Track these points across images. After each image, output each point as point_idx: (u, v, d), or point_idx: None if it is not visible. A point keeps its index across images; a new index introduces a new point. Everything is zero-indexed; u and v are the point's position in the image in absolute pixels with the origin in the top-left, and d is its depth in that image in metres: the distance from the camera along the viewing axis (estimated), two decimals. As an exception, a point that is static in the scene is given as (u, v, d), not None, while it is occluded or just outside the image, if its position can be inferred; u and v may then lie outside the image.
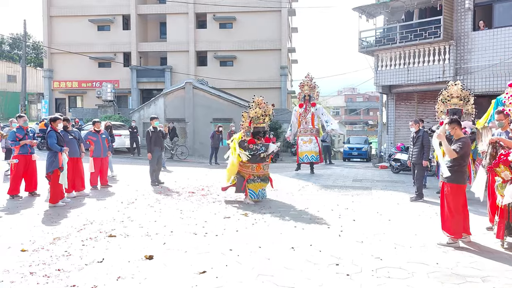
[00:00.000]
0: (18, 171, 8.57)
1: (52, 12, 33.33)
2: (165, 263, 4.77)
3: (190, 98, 22.89)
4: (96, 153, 10.33)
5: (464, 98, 9.14)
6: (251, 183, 8.74)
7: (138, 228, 6.36)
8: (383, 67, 16.25)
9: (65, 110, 32.86)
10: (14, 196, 8.58)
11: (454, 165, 5.59)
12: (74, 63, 32.44)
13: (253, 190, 8.73)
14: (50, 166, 7.93)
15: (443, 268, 4.72)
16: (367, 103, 71.96)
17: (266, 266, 4.73)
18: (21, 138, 8.58)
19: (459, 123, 5.74)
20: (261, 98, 9.16)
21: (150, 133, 10.89)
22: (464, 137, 5.68)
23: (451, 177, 5.61)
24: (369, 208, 8.19)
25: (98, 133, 10.47)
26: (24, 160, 8.62)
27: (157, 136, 10.92)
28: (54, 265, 4.67)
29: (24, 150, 8.66)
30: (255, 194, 8.74)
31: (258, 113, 8.93)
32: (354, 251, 5.30)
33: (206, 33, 32.41)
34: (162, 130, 11.18)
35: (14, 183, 8.60)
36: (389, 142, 17.47)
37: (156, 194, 9.50)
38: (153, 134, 10.86)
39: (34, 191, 8.96)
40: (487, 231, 6.31)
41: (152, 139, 10.84)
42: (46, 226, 6.39)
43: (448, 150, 5.55)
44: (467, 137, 5.88)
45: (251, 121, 8.93)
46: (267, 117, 9.06)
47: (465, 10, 14.18)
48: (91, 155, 10.24)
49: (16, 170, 8.54)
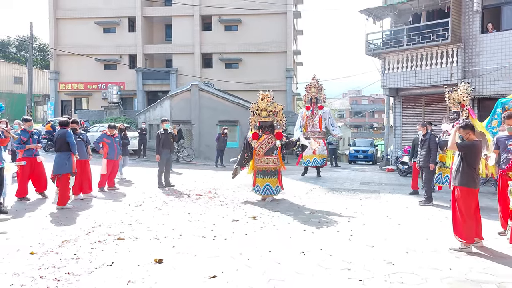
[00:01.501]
0: (24, 173, 8.56)
1: (58, 14, 33.49)
2: (175, 267, 4.73)
3: (196, 100, 22.90)
4: (110, 155, 10.36)
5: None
6: (258, 178, 9.14)
7: (146, 231, 6.33)
8: (390, 70, 16.18)
9: (71, 112, 32.96)
10: (22, 198, 8.58)
11: (464, 168, 5.51)
12: (80, 65, 32.58)
13: (258, 185, 9.10)
14: (60, 168, 7.91)
15: (457, 274, 4.65)
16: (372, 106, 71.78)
17: (277, 271, 4.68)
18: (25, 141, 8.57)
19: (472, 128, 5.66)
20: (267, 93, 9.27)
21: (160, 135, 10.91)
22: (476, 141, 5.61)
23: (462, 181, 5.53)
24: (378, 212, 8.12)
25: (113, 136, 10.54)
26: (29, 162, 8.61)
27: (166, 138, 10.91)
28: (64, 269, 4.64)
29: (28, 153, 8.65)
30: (260, 189, 9.08)
31: (261, 106, 9.13)
32: (365, 256, 5.23)
33: (212, 35, 32.45)
34: (172, 132, 11.18)
35: (21, 185, 8.60)
36: (396, 145, 17.37)
37: (164, 197, 9.48)
38: (163, 136, 10.87)
39: (44, 191, 8.95)
40: (499, 236, 6.23)
41: (161, 141, 10.85)
42: (54, 229, 6.37)
43: (452, 142, 5.63)
44: (479, 141, 5.79)
45: (254, 114, 9.25)
46: (273, 113, 9.24)
47: (473, 12, 14.09)
48: (105, 157, 10.27)
49: (22, 172, 8.54)
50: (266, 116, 9.25)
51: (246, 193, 10.19)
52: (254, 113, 9.34)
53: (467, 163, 5.50)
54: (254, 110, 9.34)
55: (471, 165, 5.50)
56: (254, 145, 9.24)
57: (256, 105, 9.28)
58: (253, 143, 9.26)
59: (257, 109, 9.28)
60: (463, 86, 9.10)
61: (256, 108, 9.28)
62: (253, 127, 9.44)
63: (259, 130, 9.28)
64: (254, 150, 9.25)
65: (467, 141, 5.56)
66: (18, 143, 8.54)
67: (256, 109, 9.28)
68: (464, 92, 9.00)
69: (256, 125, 9.36)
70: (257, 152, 9.19)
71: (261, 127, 9.27)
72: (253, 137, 9.26)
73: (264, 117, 9.26)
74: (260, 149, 9.18)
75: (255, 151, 9.24)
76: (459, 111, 9.13)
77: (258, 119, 9.30)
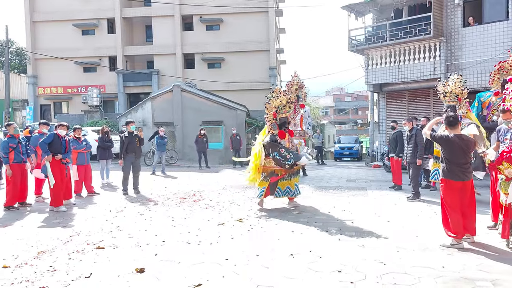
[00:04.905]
0: (15, 181, 8.27)
1: (35, 17, 32.68)
2: (158, 277, 4.48)
3: (178, 101, 22.53)
4: (80, 160, 10.01)
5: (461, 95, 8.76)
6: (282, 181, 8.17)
7: (127, 238, 6.05)
8: (373, 66, 16.14)
9: (51, 116, 32.23)
10: (10, 207, 8.28)
11: (444, 161, 5.64)
12: (58, 68, 31.81)
13: (280, 188, 8.18)
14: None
15: (450, 272, 4.50)
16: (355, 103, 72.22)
17: (265, 276, 4.46)
18: (14, 148, 8.26)
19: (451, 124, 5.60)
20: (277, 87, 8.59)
21: (124, 138, 10.19)
22: (449, 135, 5.57)
23: (444, 173, 5.63)
24: (366, 209, 7.98)
25: (79, 140, 10.13)
26: (19, 169, 8.33)
27: (131, 142, 10.19)
28: (39, 282, 4.35)
29: (18, 159, 8.32)
30: (281, 192, 8.21)
31: (283, 101, 8.23)
32: (356, 256, 5.06)
33: (193, 35, 32.07)
34: (138, 135, 10.43)
35: (10, 194, 8.29)
36: (381, 141, 17.34)
37: (146, 201, 9.18)
38: (127, 139, 10.16)
39: (24, 201, 8.62)
40: (489, 230, 6.14)
41: (125, 145, 10.14)
42: (30, 239, 6.04)
43: (427, 128, 5.95)
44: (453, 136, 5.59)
45: (276, 111, 8.21)
46: (292, 104, 8.48)
47: (454, 6, 14.12)
48: (74, 163, 9.88)
49: (13, 181, 8.23)
50: (287, 110, 8.32)
51: (232, 195, 9.97)
52: (276, 110, 8.24)
53: (444, 155, 5.61)
54: (278, 106, 8.22)
55: (447, 158, 5.54)
56: (285, 145, 8.18)
57: (279, 100, 8.21)
58: (284, 143, 8.19)
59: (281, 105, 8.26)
60: (457, 79, 8.51)
61: (279, 103, 8.24)
62: (271, 126, 8.28)
63: (280, 127, 8.26)
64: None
65: (440, 134, 5.65)
66: (6, 152, 8.21)
67: (279, 104, 8.23)
68: (459, 85, 8.55)
69: (276, 123, 8.24)
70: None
71: (283, 124, 8.28)
72: (281, 136, 8.17)
73: (285, 111, 8.33)
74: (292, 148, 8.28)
75: None
76: (455, 105, 8.64)
77: (279, 115, 8.27)
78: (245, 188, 11.08)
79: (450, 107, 8.34)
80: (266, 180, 8.15)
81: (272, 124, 8.24)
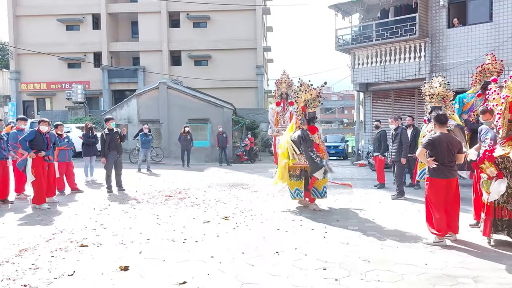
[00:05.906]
0: None
1: (18, 12, 32.09)
2: (142, 275, 4.44)
3: (164, 99, 22.37)
4: (61, 157, 9.87)
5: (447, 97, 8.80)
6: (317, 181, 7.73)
7: (112, 236, 5.98)
8: (360, 65, 16.25)
9: (34, 113, 31.71)
10: None
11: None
12: (42, 64, 31.31)
13: (315, 187, 7.83)
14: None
15: (433, 269, 4.56)
16: (341, 102, 72.61)
17: (250, 274, 4.46)
18: None
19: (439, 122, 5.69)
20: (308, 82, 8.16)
21: (105, 136, 10.03)
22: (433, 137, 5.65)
23: (428, 171, 5.70)
24: (351, 207, 8.04)
25: (61, 137, 9.99)
26: (0, 166, 8.18)
27: (112, 139, 10.05)
28: (20, 280, 4.27)
29: (0, 155, 8.16)
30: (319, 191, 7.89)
31: (313, 94, 7.87)
32: (340, 254, 5.09)
33: (180, 32, 31.88)
34: (120, 132, 10.34)
35: None
36: (367, 139, 17.49)
37: (131, 199, 9.10)
38: (108, 136, 10.01)
39: (6, 198, 8.46)
40: (471, 228, 6.23)
41: (107, 142, 10.00)
42: (11, 237, 5.93)
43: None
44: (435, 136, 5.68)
45: (305, 106, 7.86)
46: (321, 99, 8.07)
47: (439, 7, 14.29)
48: (56, 160, 9.73)
49: None
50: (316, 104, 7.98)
51: (218, 193, 9.94)
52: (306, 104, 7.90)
53: (430, 155, 5.63)
54: (308, 99, 7.88)
55: (433, 158, 5.57)
56: (315, 140, 7.77)
57: (309, 94, 7.85)
58: (314, 138, 7.76)
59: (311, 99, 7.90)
60: (442, 81, 8.47)
61: (309, 97, 7.86)
62: (300, 121, 7.91)
63: (309, 122, 7.86)
64: (316, 145, 7.74)
65: (427, 141, 5.67)
66: None
67: (309, 98, 7.87)
68: (445, 87, 8.56)
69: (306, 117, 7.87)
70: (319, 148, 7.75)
71: (312, 119, 7.87)
72: (312, 131, 7.76)
73: (314, 107, 7.97)
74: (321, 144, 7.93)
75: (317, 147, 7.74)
76: (441, 106, 8.64)
77: (308, 110, 7.89)
78: (231, 186, 11.07)
79: (436, 109, 8.37)
80: (300, 179, 7.83)
81: (301, 118, 7.89)
